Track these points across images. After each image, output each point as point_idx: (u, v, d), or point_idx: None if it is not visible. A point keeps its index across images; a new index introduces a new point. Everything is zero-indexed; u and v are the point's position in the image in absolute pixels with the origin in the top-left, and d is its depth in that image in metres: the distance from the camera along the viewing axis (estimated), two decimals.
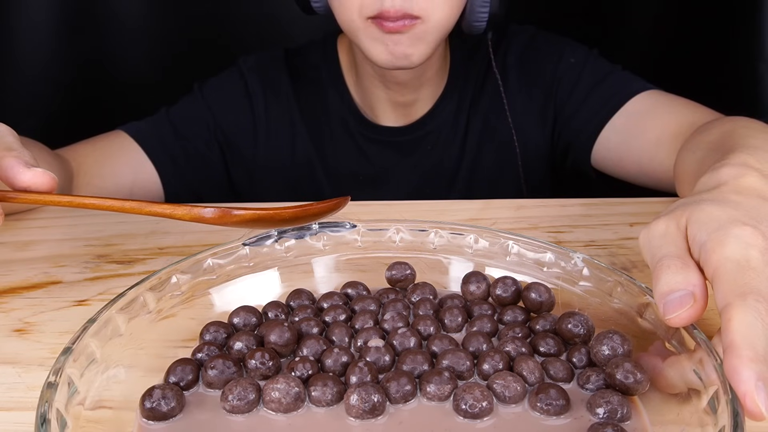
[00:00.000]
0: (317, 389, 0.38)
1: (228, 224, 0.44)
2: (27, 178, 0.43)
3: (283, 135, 0.89)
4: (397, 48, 0.73)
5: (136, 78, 1.13)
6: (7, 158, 0.43)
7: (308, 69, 0.90)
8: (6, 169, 0.43)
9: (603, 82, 0.83)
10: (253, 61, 0.90)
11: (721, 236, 0.36)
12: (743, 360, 0.31)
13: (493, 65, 0.85)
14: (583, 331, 0.42)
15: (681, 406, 0.36)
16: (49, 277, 0.55)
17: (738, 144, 0.47)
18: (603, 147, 0.82)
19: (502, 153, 0.88)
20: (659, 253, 0.38)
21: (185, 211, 0.44)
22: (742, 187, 0.40)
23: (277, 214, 0.45)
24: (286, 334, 0.42)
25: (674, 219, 0.39)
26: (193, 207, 0.44)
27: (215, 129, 0.88)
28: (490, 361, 0.40)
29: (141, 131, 0.85)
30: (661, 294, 0.36)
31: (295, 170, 0.90)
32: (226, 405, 0.37)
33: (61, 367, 0.35)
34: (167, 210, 0.44)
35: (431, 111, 0.87)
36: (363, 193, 0.88)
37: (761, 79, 0.86)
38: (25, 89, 1.07)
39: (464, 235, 0.51)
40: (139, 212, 0.44)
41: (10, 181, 0.43)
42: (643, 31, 1.12)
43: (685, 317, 0.35)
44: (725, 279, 0.34)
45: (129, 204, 0.44)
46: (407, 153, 0.89)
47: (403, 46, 0.73)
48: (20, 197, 0.43)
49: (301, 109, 0.89)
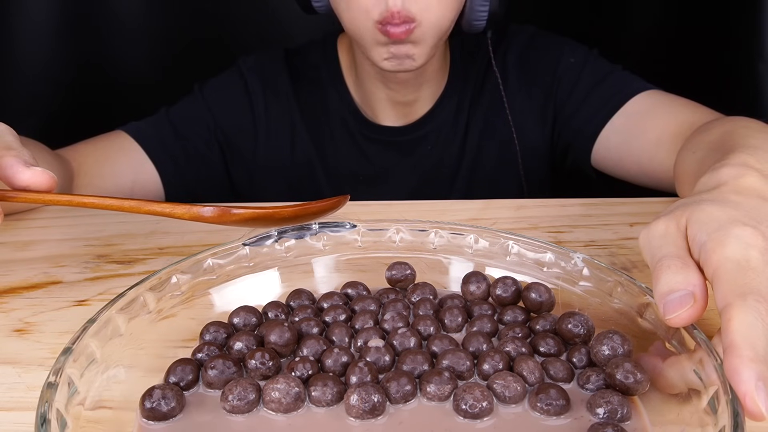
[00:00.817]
0: (317, 389, 0.38)
1: (227, 223, 0.44)
2: (26, 177, 0.43)
3: (282, 135, 0.89)
4: (400, 49, 0.73)
5: (136, 78, 1.13)
6: (6, 157, 0.43)
7: (308, 69, 0.90)
8: (5, 168, 0.43)
9: (603, 82, 0.83)
10: (253, 61, 0.90)
11: (721, 236, 0.36)
12: (743, 360, 0.31)
13: (493, 64, 0.85)
14: (583, 331, 0.42)
15: (681, 406, 0.36)
16: (49, 277, 0.55)
17: (738, 144, 0.47)
18: (603, 147, 0.82)
19: (503, 152, 0.88)
20: (659, 253, 0.38)
21: (184, 210, 0.44)
22: (742, 188, 0.40)
23: (276, 212, 0.45)
24: (286, 334, 0.42)
25: (674, 219, 0.39)
26: (193, 206, 0.44)
27: (215, 129, 0.88)
28: (490, 361, 0.40)
29: (141, 131, 0.85)
30: (660, 294, 0.36)
31: (295, 170, 0.90)
32: (226, 405, 0.37)
33: (61, 367, 0.35)
34: (166, 209, 0.44)
35: (431, 110, 0.87)
36: (363, 192, 0.88)
37: (761, 79, 0.86)
38: (25, 89, 1.07)
39: (464, 235, 0.51)
40: (138, 211, 0.44)
41: (9, 180, 0.43)
42: (643, 31, 1.12)
43: (685, 317, 0.35)
44: (725, 279, 0.34)
45: (128, 203, 0.44)
46: (407, 153, 0.89)
47: (406, 48, 0.73)
48: (20, 197, 0.43)
49: (301, 109, 0.89)
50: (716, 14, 0.97)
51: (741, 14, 0.90)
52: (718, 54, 0.97)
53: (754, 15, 0.86)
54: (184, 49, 1.12)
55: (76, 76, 1.10)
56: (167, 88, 0.93)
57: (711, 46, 0.98)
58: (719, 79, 0.96)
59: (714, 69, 0.97)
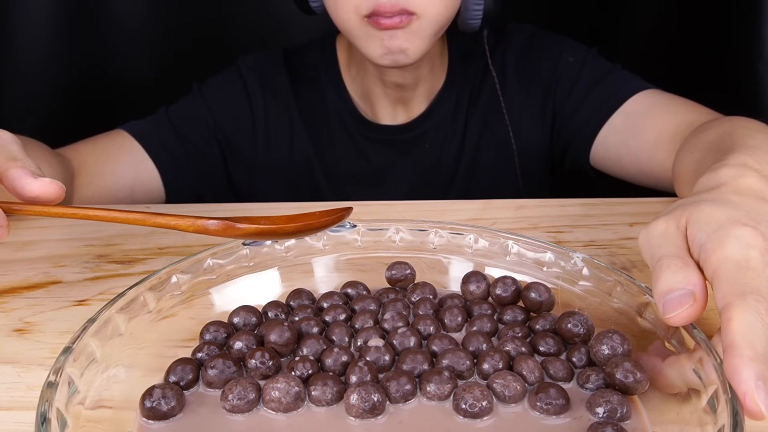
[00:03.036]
0: (317, 389, 0.38)
1: (231, 237, 0.44)
2: (35, 189, 0.43)
3: (281, 134, 0.89)
4: (393, 42, 0.73)
5: (136, 78, 1.13)
6: (12, 168, 0.43)
7: (307, 68, 0.90)
8: (13, 179, 0.43)
9: (602, 81, 0.83)
10: (252, 60, 0.90)
11: (721, 236, 0.36)
12: (743, 359, 0.31)
13: (489, 63, 0.85)
14: (583, 331, 0.42)
15: (681, 405, 0.36)
16: (49, 277, 0.55)
17: (737, 144, 0.47)
18: (602, 146, 0.82)
19: (501, 151, 0.88)
20: (659, 252, 0.38)
21: (189, 222, 0.44)
22: (742, 188, 0.40)
23: (280, 228, 0.45)
24: (286, 334, 0.42)
25: (674, 219, 0.39)
26: (197, 219, 0.44)
27: (215, 128, 0.88)
28: (490, 360, 0.40)
29: (142, 130, 0.85)
30: (660, 293, 0.36)
31: (293, 169, 0.90)
32: (226, 404, 0.37)
33: (61, 366, 0.35)
34: (171, 222, 0.44)
35: (429, 108, 0.87)
36: (362, 191, 0.88)
37: (761, 79, 0.86)
38: (25, 89, 1.07)
39: (464, 234, 0.51)
40: (144, 224, 0.44)
41: (17, 192, 0.43)
42: (643, 31, 1.12)
43: (684, 316, 0.36)
44: (725, 279, 0.34)
45: (133, 216, 0.44)
46: (405, 151, 0.89)
47: (399, 41, 0.73)
48: (26, 209, 0.43)
49: (300, 109, 0.89)
50: (716, 14, 0.97)
51: (741, 14, 0.90)
52: (718, 54, 0.97)
53: (754, 15, 0.86)
54: (184, 49, 1.12)
55: (76, 76, 1.10)
56: (167, 87, 0.93)
57: (711, 46, 0.98)
58: (719, 79, 0.96)
59: (714, 69, 0.97)
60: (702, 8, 1.00)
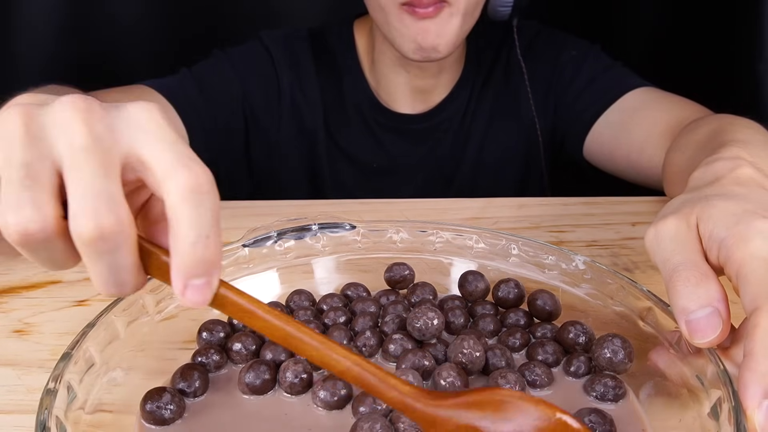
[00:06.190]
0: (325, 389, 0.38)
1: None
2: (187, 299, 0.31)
3: (304, 116, 0.88)
4: (426, 40, 0.73)
5: (136, 78, 1.12)
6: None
7: (325, 53, 0.89)
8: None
9: (601, 77, 0.84)
10: (279, 35, 0.88)
11: (742, 231, 0.34)
12: (755, 374, 0.30)
13: (518, 53, 0.86)
14: (584, 340, 0.42)
15: (683, 411, 0.36)
16: (49, 276, 0.55)
17: (727, 139, 0.47)
18: (596, 141, 0.82)
19: (510, 143, 0.88)
20: (673, 259, 0.35)
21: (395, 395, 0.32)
22: (742, 179, 0.39)
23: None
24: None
25: (684, 218, 0.36)
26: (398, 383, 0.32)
27: (243, 99, 0.85)
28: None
29: (166, 86, 0.80)
30: (682, 310, 0.34)
31: (308, 151, 0.88)
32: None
33: (60, 373, 0.34)
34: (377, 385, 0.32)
35: (447, 97, 0.87)
36: (376, 180, 0.88)
37: (761, 79, 0.86)
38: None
39: (465, 235, 0.51)
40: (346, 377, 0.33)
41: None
42: (643, 31, 1.12)
43: (715, 341, 0.33)
44: (754, 280, 0.32)
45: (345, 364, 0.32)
46: (422, 140, 0.88)
47: (432, 36, 0.73)
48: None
49: (322, 90, 0.88)
50: (716, 14, 0.97)
51: (741, 14, 0.90)
52: (718, 54, 0.96)
53: (754, 15, 0.85)
54: (184, 49, 1.11)
55: (76, 75, 1.09)
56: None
57: (711, 46, 0.98)
58: (719, 79, 0.95)
59: (714, 69, 0.97)
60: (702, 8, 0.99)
